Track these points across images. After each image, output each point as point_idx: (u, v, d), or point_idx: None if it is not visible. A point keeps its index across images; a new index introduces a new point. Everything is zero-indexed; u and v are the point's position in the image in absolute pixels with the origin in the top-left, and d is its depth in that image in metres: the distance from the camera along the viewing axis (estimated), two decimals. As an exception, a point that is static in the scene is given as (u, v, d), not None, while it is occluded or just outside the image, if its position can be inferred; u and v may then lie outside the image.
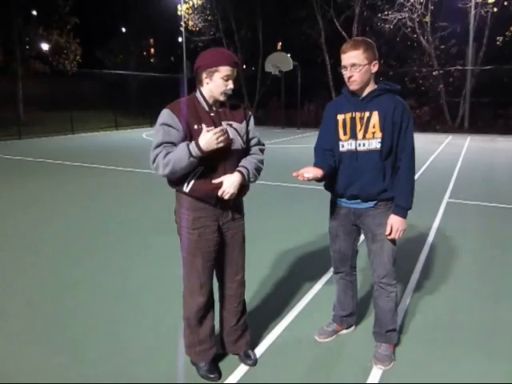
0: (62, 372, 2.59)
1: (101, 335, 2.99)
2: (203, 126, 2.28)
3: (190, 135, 2.28)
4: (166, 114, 2.28)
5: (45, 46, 23.63)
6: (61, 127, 18.57)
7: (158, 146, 2.26)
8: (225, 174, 2.31)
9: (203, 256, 2.41)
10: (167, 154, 2.23)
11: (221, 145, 2.21)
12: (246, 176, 2.35)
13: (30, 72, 22.84)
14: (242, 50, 26.28)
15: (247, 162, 2.40)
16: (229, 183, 2.29)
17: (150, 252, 4.58)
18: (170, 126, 2.26)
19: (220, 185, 2.29)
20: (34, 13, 23.96)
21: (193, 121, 2.28)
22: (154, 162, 2.27)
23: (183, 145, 2.23)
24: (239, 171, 2.34)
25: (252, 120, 2.50)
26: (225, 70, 2.25)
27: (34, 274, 4.02)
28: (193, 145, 2.21)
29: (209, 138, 2.19)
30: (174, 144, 2.27)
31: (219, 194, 2.29)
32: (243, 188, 2.40)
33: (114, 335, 2.99)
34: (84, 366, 2.65)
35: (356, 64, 2.41)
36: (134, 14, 33.96)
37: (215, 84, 2.28)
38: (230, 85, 2.29)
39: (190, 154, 2.20)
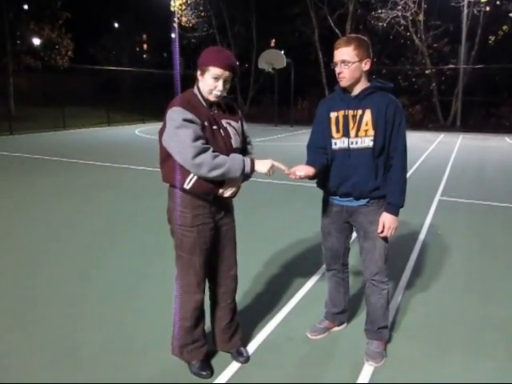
0: (53, 370, 2.57)
1: (93, 333, 2.97)
2: (212, 125, 2.29)
3: (204, 131, 2.26)
4: (181, 112, 2.21)
5: (36, 41, 23.38)
6: (52, 123, 18.40)
7: (194, 140, 2.18)
8: None
9: (201, 253, 2.40)
10: (216, 156, 2.21)
11: (269, 172, 2.35)
12: (248, 173, 2.36)
13: (21, 67, 22.62)
14: (235, 47, 26.22)
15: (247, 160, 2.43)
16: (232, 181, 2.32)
17: (145, 250, 4.57)
18: (191, 121, 2.21)
19: (221, 183, 2.30)
20: (26, 7, 23.72)
21: (202, 118, 2.26)
22: (195, 156, 2.17)
23: (239, 159, 2.27)
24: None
25: (243, 118, 2.54)
26: (214, 70, 2.24)
27: (26, 272, 3.99)
28: (248, 162, 2.28)
29: (267, 166, 2.32)
30: (204, 138, 2.24)
31: (220, 191, 2.31)
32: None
33: (106, 334, 2.97)
34: (76, 364, 2.64)
35: (346, 61, 2.42)
36: (126, 9, 33.74)
37: (205, 82, 2.29)
38: (219, 86, 2.27)
39: (243, 170, 2.26)
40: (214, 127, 2.30)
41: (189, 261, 2.39)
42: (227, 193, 2.34)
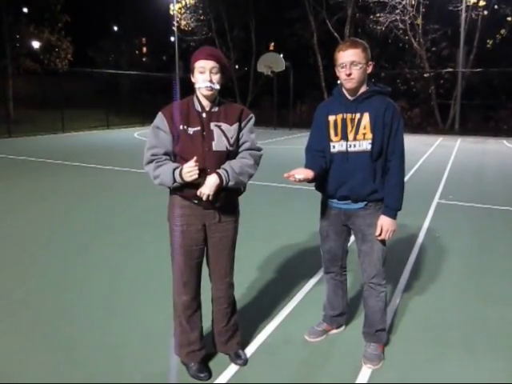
0: (53, 371, 2.57)
1: (92, 334, 2.97)
2: (189, 128, 2.32)
3: (178, 135, 2.33)
4: (157, 117, 2.38)
5: (36, 44, 23.41)
6: (51, 126, 18.43)
7: (149, 149, 2.37)
8: (204, 174, 2.28)
9: (185, 254, 2.43)
10: (158, 167, 2.33)
11: (192, 178, 2.23)
12: (224, 178, 2.28)
13: (21, 70, 22.64)
14: (234, 50, 26.30)
15: (229, 165, 2.33)
16: (205, 184, 2.27)
17: (141, 251, 4.57)
18: (158, 128, 2.37)
19: (199, 185, 2.28)
20: (25, 10, 23.76)
21: (180, 122, 2.33)
22: (145, 165, 2.38)
23: (170, 170, 2.28)
24: (217, 173, 2.29)
25: (250, 123, 2.44)
26: (198, 64, 2.30)
27: (25, 273, 3.99)
28: (177, 173, 2.27)
29: (185, 172, 2.24)
30: (163, 146, 2.35)
31: (198, 194, 2.30)
32: (229, 190, 2.36)
33: (105, 334, 2.97)
34: (75, 365, 2.64)
35: (355, 61, 2.42)
36: (126, 12, 33.82)
37: (196, 80, 2.33)
38: (206, 76, 2.28)
39: (174, 180, 2.28)
40: (195, 129, 2.32)
41: (175, 259, 2.47)
42: (203, 196, 2.28)
